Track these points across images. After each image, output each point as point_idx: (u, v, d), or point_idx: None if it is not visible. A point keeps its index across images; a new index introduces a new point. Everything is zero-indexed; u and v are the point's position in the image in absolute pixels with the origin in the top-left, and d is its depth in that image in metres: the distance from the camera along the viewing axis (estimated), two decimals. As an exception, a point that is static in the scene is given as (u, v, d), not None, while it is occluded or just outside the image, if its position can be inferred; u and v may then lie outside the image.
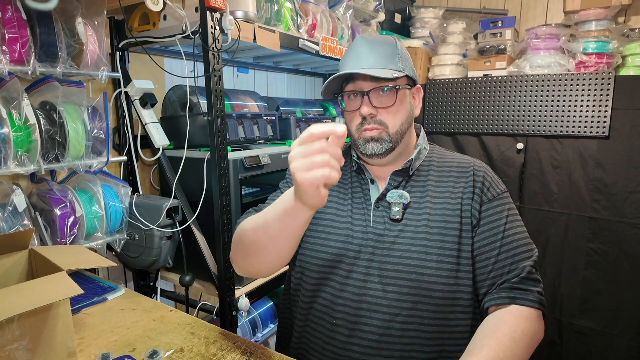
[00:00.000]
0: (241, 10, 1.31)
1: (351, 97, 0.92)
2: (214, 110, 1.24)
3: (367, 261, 0.90)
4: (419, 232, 0.89)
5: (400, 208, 0.91)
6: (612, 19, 2.06)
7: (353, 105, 0.92)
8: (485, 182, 0.93)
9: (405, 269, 0.87)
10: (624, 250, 1.80)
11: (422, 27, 2.50)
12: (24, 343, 0.71)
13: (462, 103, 2.20)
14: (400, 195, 0.92)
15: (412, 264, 0.87)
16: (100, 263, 0.93)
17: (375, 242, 0.91)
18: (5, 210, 1.05)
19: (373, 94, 0.89)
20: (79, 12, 1.15)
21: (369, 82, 0.89)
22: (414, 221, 0.91)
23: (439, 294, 0.86)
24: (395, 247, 0.89)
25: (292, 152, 0.65)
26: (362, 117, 0.90)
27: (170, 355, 0.84)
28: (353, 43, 0.94)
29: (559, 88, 1.94)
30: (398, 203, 0.91)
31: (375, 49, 0.90)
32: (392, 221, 0.91)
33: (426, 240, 0.88)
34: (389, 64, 0.89)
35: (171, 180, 1.40)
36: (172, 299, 1.59)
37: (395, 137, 0.91)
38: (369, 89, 0.89)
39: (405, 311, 0.86)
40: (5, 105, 1.02)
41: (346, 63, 0.92)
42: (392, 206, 0.92)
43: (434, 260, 0.87)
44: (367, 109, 0.89)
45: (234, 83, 2.05)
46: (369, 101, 0.89)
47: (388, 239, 0.90)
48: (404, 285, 0.87)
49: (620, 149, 1.81)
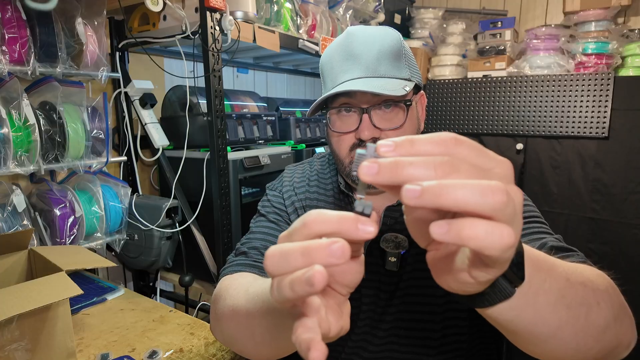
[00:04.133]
0: (241, 11, 1.32)
1: (342, 112, 0.71)
2: (213, 110, 1.24)
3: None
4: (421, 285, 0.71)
5: (398, 258, 0.71)
6: (611, 19, 2.07)
7: (346, 123, 0.71)
8: None
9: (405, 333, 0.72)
10: (624, 251, 1.80)
11: (421, 27, 2.50)
12: (23, 343, 0.71)
13: (461, 104, 2.20)
14: (397, 245, 0.71)
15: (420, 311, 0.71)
16: (99, 263, 0.93)
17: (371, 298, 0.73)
18: (4, 211, 1.05)
19: (375, 112, 0.69)
20: (79, 12, 1.15)
21: (371, 96, 0.68)
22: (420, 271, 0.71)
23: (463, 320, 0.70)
24: (393, 303, 0.72)
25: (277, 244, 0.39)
26: (358, 140, 0.70)
27: (170, 356, 0.84)
28: (344, 38, 0.71)
29: (558, 89, 1.94)
30: (394, 253, 0.71)
31: (376, 48, 0.68)
32: (387, 271, 0.72)
33: (432, 297, 0.70)
34: (395, 72, 0.69)
35: (171, 181, 1.40)
36: (172, 299, 1.59)
37: None
38: (370, 104, 0.68)
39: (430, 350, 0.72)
40: (5, 106, 1.02)
41: (337, 67, 0.70)
42: (386, 255, 0.71)
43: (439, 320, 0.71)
44: (368, 133, 0.68)
45: (233, 83, 2.05)
46: (370, 122, 0.68)
47: (383, 294, 0.73)
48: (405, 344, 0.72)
49: (619, 150, 1.81)
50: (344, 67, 0.69)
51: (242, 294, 0.58)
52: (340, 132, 0.72)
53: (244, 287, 0.59)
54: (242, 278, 0.68)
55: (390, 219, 0.73)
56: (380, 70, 0.68)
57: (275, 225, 0.81)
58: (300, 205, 0.83)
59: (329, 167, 0.87)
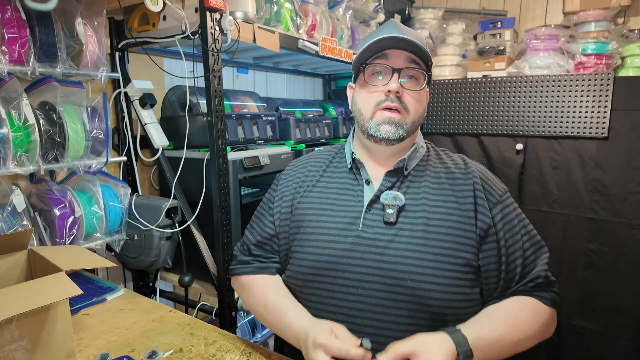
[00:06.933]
0: (241, 11, 1.32)
1: (375, 74, 0.89)
2: (213, 110, 1.24)
3: (356, 267, 0.85)
4: (415, 236, 0.84)
5: (395, 210, 0.86)
6: (611, 20, 2.07)
7: (377, 80, 0.88)
8: (486, 186, 0.89)
9: (400, 275, 0.82)
10: (623, 251, 1.80)
11: (421, 27, 2.50)
12: (22, 343, 0.71)
13: (461, 104, 2.20)
14: (395, 197, 0.86)
15: (407, 270, 0.82)
16: (99, 263, 0.93)
17: (365, 247, 0.85)
18: (4, 211, 1.05)
19: (404, 73, 0.87)
20: (79, 12, 1.15)
21: (403, 60, 0.87)
22: (410, 225, 0.85)
23: (437, 302, 0.81)
24: (388, 252, 0.84)
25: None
26: (385, 95, 0.86)
27: (170, 356, 0.84)
28: (388, 22, 0.92)
29: (558, 89, 1.95)
30: (392, 205, 0.86)
31: (413, 32, 0.89)
32: (386, 224, 0.86)
33: (423, 245, 0.83)
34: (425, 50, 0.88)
35: (170, 181, 1.40)
36: (172, 299, 1.59)
37: (411, 128, 0.88)
38: (402, 66, 0.87)
39: (400, 319, 0.82)
40: (4, 106, 1.02)
41: (376, 35, 0.87)
42: (385, 208, 0.86)
43: (431, 267, 0.82)
44: (396, 85, 0.85)
45: (233, 83, 2.05)
46: (398, 78, 0.86)
47: (381, 243, 0.85)
48: (399, 292, 0.82)
49: (619, 150, 1.81)
50: (383, 31, 0.86)
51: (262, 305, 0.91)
52: (372, 85, 0.88)
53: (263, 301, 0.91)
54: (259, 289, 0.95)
55: (389, 181, 0.90)
56: (415, 36, 0.86)
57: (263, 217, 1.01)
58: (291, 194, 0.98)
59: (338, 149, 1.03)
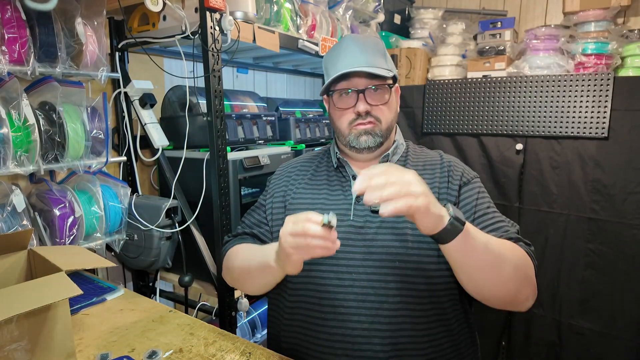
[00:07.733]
0: (241, 11, 1.32)
1: (343, 95, 0.96)
2: (213, 110, 1.24)
3: (350, 254, 0.92)
4: (399, 220, 0.93)
5: None
6: (611, 20, 2.07)
7: (346, 102, 0.96)
8: (457, 171, 0.99)
9: (389, 257, 0.90)
10: (623, 251, 1.80)
11: (421, 28, 2.50)
12: (22, 344, 0.71)
13: (461, 104, 2.20)
14: None
15: (395, 252, 0.90)
16: (99, 263, 0.93)
17: (357, 235, 0.93)
18: (4, 211, 1.05)
19: (368, 92, 0.94)
20: (79, 12, 1.15)
21: (364, 80, 0.93)
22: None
23: (423, 280, 0.90)
24: (378, 238, 0.92)
25: (285, 227, 0.75)
26: (356, 115, 0.94)
27: (170, 356, 0.84)
28: (342, 42, 0.98)
29: (558, 89, 1.94)
30: None
31: (368, 48, 0.95)
32: (373, 213, 0.94)
33: (408, 229, 0.92)
34: (381, 63, 0.95)
35: (170, 181, 1.40)
36: (172, 299, 1.59)
37: (386, 133, 0.97)
38: (365, 87, 0.93)
39: (392, 298, 0.89)
40: (4, 106, 1.02)
41: (339, 61, 0.94)
42: None
43: (415, 247, 0.90)
44: (364, 106, 0.93)
45: (233, 83, 2.05)
46: (364, 99, 0.93)
47: (370, 230, 0.93)
48: (389, 274, 0.90)
49: (619, 150, 1.81)
50: (346, 62, 0.93)
51: (246, 257, 0.97)
52: (342, 108, 0.96)
53: (247, 254, 0.98)
54: (244, 247, 1.02)
55: None
56: (372, 63, 0.93)
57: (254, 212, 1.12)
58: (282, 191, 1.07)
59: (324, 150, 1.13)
